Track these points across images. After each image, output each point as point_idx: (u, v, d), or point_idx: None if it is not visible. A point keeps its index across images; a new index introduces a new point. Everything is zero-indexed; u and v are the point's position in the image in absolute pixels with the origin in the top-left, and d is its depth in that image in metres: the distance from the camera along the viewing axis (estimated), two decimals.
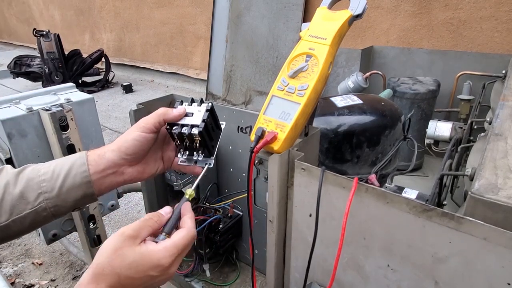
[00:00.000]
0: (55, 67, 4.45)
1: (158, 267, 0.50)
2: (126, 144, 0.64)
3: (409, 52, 2.25)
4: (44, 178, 0.61)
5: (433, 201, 0.83)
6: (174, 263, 0.52)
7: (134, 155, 0.65)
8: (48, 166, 0.63)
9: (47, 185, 0.61)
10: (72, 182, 0.62)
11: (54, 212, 0.62)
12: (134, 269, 0.49)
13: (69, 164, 0.63)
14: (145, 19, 5.03)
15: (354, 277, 0.69)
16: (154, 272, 0.50)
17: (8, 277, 1.59)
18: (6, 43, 8.81)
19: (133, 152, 0.65)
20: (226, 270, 1.41)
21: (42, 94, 1.24)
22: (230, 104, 3.40)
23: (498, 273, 0.50)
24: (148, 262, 0.50)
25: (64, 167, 0.62)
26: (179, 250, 0.52)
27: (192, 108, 0.68)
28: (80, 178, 0.62)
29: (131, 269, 0.49)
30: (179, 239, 0.53)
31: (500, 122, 0.85)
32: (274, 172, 0.69)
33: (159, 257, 0.51)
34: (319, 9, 0.76)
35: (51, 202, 0.61)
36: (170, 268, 0.52)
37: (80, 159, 0.63)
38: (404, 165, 1.69)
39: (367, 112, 1.18)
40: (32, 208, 0.60)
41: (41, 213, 0.61)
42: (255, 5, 3.11)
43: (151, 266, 0.50)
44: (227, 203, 1.27)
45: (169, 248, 0.52)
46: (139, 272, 0.49)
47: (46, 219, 0.62)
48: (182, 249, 0.53)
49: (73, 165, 0.62)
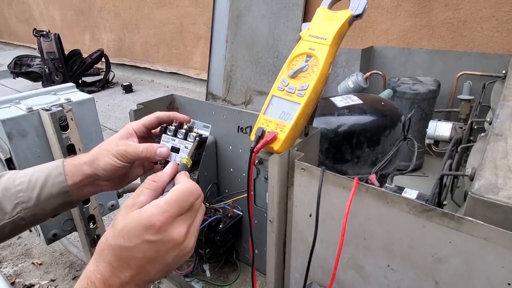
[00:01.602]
0: (55, 67, 4.45)
1: (151, 228, 0.42)
2: (101, 164, 0.60)
3: (409, 52, 2.25)
4: (20, 188, 0.60)
5: (433, 201, 0.83)
6: (170, 223, 0.44)
7: (109, 176, 0.62)
8: (23, 176, 0.61)
9: (24, 195, 0.60)
10: (49, 192, 0.60)
11: (33, 220, 0.62)
12: (126, 235, 0.43)
13: (45, 174, 0.61)
14: (145, 19, 5.03)
15: (354, 277, 0.69)
16: (149, 235, 0.42)
17: (8, 277, 1.59)
18: (6, 43, 8.81)
19: (107, 174, 0.61)
20: (226, 270, 1.41)
21: (42, 94, 1.24)
22: (230, 104, 3.39)
23: (498, 273, 0.50)
24: (137, 224, 0.43)
25: (40, 177, 0.61)
26: (171, 205, 0.44)
27: (177, 142, 0.63)
28: (57, 189, 0.61)
29: (123, 236, 0.43)
30: (170, 194, 0.45)
31: (500, 122, 0.85)
32: (274, 172, 0.69)
33: (147, 215, 0.43)
34: (319, 9, 0.76)
35: (29, 211, 0.60)
36: (167, 231, 0.43)
37: (57, 169, 0.62)
38: (404, 165, 1.69)
39: (367, 112, 1.18)
40: (10, 218, 0.59)
41: (20, 222, 0.60)
42: (255, 5, 3.11)
43: (141, 227, 0.42)
44: (227, 203, 1.27)
45: (159, 204, 0.44)
46: (131, 238, 0.42)
47: (25, 226, 0.62)
48: (175, 205, 0.44)
49: (50, 174, 0.61)
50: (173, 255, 0.45)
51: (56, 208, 0.63)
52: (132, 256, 0.43)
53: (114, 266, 0.43)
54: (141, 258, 0.43)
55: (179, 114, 0.64)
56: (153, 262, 0.44)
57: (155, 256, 0.44)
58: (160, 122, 0.65)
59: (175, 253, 0.45)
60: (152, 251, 0.43)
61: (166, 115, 0.64)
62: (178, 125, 0.63)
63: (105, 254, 0.43)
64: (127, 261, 0.43)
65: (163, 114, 0.64)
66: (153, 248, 0.43)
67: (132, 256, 0.43)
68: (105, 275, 0.43)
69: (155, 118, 0.64)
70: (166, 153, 0.60)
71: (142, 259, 0.43)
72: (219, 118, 1.22)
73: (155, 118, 0.64)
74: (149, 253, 0.43)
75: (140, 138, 0.64)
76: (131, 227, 0.43)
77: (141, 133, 0.64)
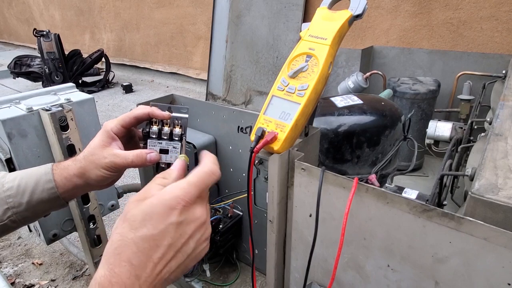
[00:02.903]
0: (55, 67, 4.45)
1: (176, 208, 0.40)
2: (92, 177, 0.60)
3: (409, 52, 2.25)
4: (9, 193, 0.60)
5: (433, 201, 0.83)
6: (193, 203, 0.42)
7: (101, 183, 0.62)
8: (12, 180, 0.61)
9: (14, 201, 0.60)
10: (39, 197, 0.61)
11: (24, 221, 0.62)
12: (149, 222, 0.39)
13: (34, 179, 0.61)
14: (145, 19, 5.03)
15: (354, 277, 0.69)
16: (174, 216, 0.40)
17: (8, 277, 1.59)
18: (6, 43, 8.81)
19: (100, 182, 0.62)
20: (226, 270, 1.41)
21: (42, 94, 1.24)
22: (230, 104, 3.39)
23: (498, 273, 0.50)
24: (161, 207, 0.40)
25: (30, 183, 0.61)
26: (193, 186, 0.42)
27: (164, 144, 0.63)
28: (48, 194, 0.61)
29: (145, 225, 0.39)
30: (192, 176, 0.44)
31: (500, 122, 0.85)
32: (274, 172, 0.69)
33: (171, 196, 0.41)
34: (319, 9, 0.76)
35: (20, 215, 0.61)
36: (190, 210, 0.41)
37: (46, 176, 0.61)
38: (404, 165, 1.69)
39: (367, 112, 1.18)
40: (1, 222, 0.60)
41: (11, 224, 0.61)
42: (255, 5, 3.11)
43: (167, 208, 0.40)
44: (227, 203, 1.27)
45: (182, 186, 0.42)
46: (156, 224, 0.39)
47: (16, 227, 0.62)
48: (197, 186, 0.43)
49: (39, 181, 0.61)
50: (195, 240, 0.43)
51: (47, 210, 0.63)
52: (157, 245, 0.39)
53: (135, 264, 0.38)
54: (166, 246, 0.40)
55: (157, 111, 0.62)
56: (176, 250, 0.41)
57: (179, 241, 0.41)
58: (139, 120, 0.63)
59: (197, 236, 0.43)
60: (177, 235, 0.40)
61: (145, 114, 0.62)
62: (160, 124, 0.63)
63: (123, 252, 0.39)
64: (151, 254, 0.39)
65: (141, 112, 0.62)
66: (178, 232, 0.41)
67: (157, 245, 0.39)
68: (123, 278, 0.37)
69: (133, 118, 0.62)
70: (156, 158, 0.61)
71: (167, 247, 0.40)
72: (219, 118, 1.22)
73: (133, 118, 0.62)
74: (174, 238, 0.40)
75: (121, 138, 0.63)
76: (155, 211, 0.40)
77: (121, 134, 0.63)
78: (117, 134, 0.62)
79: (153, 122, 0.63)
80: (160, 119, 0.63)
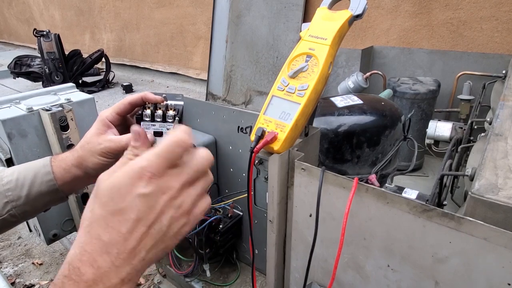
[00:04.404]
0: (55, 67, 4.45)
1: (142, 178, 0.37)
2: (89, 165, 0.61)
3: (409, 52, 2.25)
4: (8, 187, 0.60)
5: (433, 201, 0.83)
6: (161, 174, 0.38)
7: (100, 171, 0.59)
8: (11, 174, 0.61)
9: (13, 194, 0.60)
10: (38, 190, 0.61)
11: (24, 216, 0.62)
12: (116, 194, 0.37)
13: (33, 172, 0.61)
14: (145, 19, 5.03)
15: (354, 277, 0.69)
16: (141, 187, 0.37)
17: (9, 277, 1.59)
18: (6, 43, 8.81)
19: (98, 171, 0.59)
20: (226, 270, 1.41)
21: (42, 94, 1.25)
22: (230, 104, 3.39)
23: (498, 273, 0.50)
24: (127, 178, 0.37)
25: (28, 176, 0.61)
26: (160, 156, 0.38)
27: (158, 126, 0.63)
28: (47, 187, 0.61)
29: (112, 199, 0.37)
30: (158, 146, 0.39)
31: (500, 122, 0.85)
32: (274, 172, 0.69)
33: (137, 166, 0.38)
34: (319, 9, 0.76)
35: (20, 209, 0.61)
36: (159, 181, 0.38)
37: (44, 168, 0.61)
38: (404, 165, 1.69)
39: (367, 112, 1.18)
40: (1, 216, 0.60)
41: (10, 219, 0.61)
42: (255, 5, 3.11)
43: (132, 179, 0.37)
44: (227, 203, 1.27)
45: (147, 157, 0.38)
46: (122, 196, 0.37)
47: (16, 222, 0.62)
48: (164, 156, 0.39)
49: (37, 173, 0.61)
50: (169, 217, 0.39)
51: (47, 203, 0.63)
52: (125, 219, 0.37)
53: (105, 241, 0.36)
54: (134, 220, 0.37)
55: (151, 94, 0.62)
56: (147, 225, 0.38)
57: (149, 216, 0.38)
58: (133, 106, 0.63)
59: (170, 212, 0.39)
60: (145, 208, 0.37)
61: (138, 98, 0.63)
62: (153, 107, 0.63)
63: (93, 228, 0.37)
64: (119, 228, 0.37)
65: (135, 98, 0.63)
66: (146, 204, 0.37)
67: (125, 219, 0.37)
68: (93, 254, 0.36)
69: (127, 104, 0.63)
70: (150, 138, 0.61)
71: (135, 221, 0.37)
72: (219, 118, 1.22)
73: (127, 104, 0.63)
74: (142, 211, 0.37)
75: (117, 126, 0.63)
76: (122, 183, 0.37)
77: (117, 122, 0.63)
78: (113, 122, 0.63)
79: (146, 107, 0.63)
80: (154, 102, 0.63)
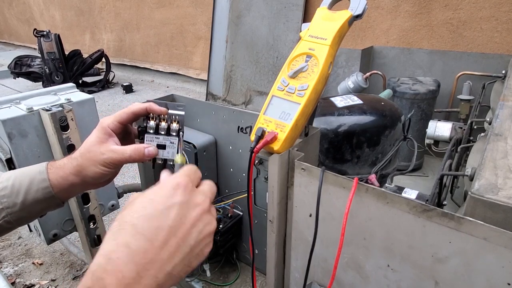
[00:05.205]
0: (56, 67, 4.45)
1: (178, 187, 0.40)
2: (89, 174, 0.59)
3: (409, 52, 2.25)
4: (3, 193, 0.59)
5: (433, 201, 0.83)
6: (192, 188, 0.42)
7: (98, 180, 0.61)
8: (6, 180, 0.60)
9: (8, 201, 0.59)
10: (34, 197, 0.59)
11: (19, 222, 0.61)
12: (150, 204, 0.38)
13: (29, 179, 0.60)
14: (145, 20, 5.03)
15: (354, 277, 0.69)
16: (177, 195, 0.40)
17: (9, 277, 1.59)
18: (7, 43, 8.81)
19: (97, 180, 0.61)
20: (226, 270, 1.41)
21: (42, 94, 1.25)
22: (230, 104, 3.40)
23: (498, 273, 0.50)
24: (163, 188, 0.40)
25: (24, 182, 0.59)
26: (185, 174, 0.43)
27: (162, 139, 0.63)
28: (42, 194, 0.59)
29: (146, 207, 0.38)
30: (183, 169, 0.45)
31: (500, 122, 0.85)
32: (274, 172, 0.69)
33: (172, 179, 0.42)
34: (319, 10, 0.76)
35: (15, 215, 0.60)
36: (191, 193, 0.41)
37: (40, 175, 0.60)
38: (404, 165, 1.69)
39: (367, 112, 1.18)
40: None
41: (6, 225, 0.60)
42: (255, 5, 3.11)
43: (168, 189, 0.40)
44: (227, 203, 1.27)
45: (174, 175, 0.44)
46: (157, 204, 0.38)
47: (11, 228, 0.62)
48: (189, 176, 0.43)
49: (33, 180, 0.59)
50: (198, 230, 0.40)
51: (43, 209, 0.62)
52: (158, 226, 0.37)
53: (134, 249, 0.35)
54: (168, 229, 0.37)
55: (155, 106, 0.62)
56: (179, 238, 0.38)
57: (181, 227, 0.38)
58: (137, 116, 0.63)
59: (199, 226, 0.40)
60: (178, 218, 0.38)
61: (142, 109, 0.61)
62: (157, 119, 0.62)
63: (120, 235, 0.35)
64: (151, 237, 0.36)
65: (139, 108, 0.62)
66: (179, 214, 0.39)
67: (158, 226, 0.37)
68: (119, 264, 0.34)
69: (131, 114, 0.62)
70: (154, 152, 0.61)
71: (168, 231, 0.37)
72: (219, 118, 1.22)
73: (131, 114, 0.62)
74: (176, 221, 0.38)
75: (118, 135, 0.62)
76: (158, 193, 0.39)
77: (118, 130, 0.62)
78: (114, 130, 0.62)
79: (150, 118, 0.62)
80: (158, 114, 0.62)
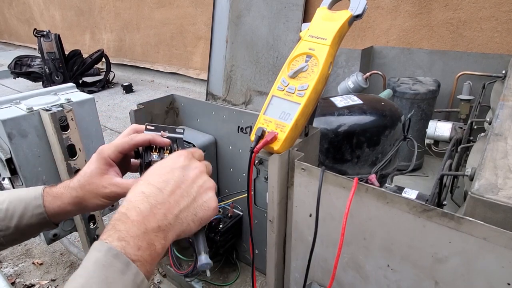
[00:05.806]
0: (56, 67, 4.45)
1: (181, 155, 0.53)
2: (89, 206, 0.60)
3: (409, 52, 2.25)
4: None
5: (433, 201, 0.83)
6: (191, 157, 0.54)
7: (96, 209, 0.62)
8: (0, 203, 0.59)
9: (2, 224, 0.58)
10: (28, 222, 0.59)
11: (12, 243, 0.61)
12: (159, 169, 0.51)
13: (23, 204, 0.59)
14: (145, 20, 5.03)
15: (354, 277, 0.69)
16: (181, 161, 0.52)
17: (9, 277, 1.59)
18: (7, 43, 8.81)
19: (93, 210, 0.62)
20: (226, 270, 1.41)
21: (42, 94, 1.24)
22: (230, 104, 3.40)
23: (498, 273, 0.50)
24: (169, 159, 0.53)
25: (18, 208, 0.59)
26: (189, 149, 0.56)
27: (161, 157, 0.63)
28: (37, 219, 0.59)
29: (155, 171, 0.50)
30: None
31: (500, 122, 0.85)
32: (274, 172, 0.69)
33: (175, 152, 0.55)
34: (319, 10, 0.76)
35: (9, 238, 0.59)
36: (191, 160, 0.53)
37: (36, 201, 0.59)
38: (404, 165, 1.69)
39: (367, 112, 1.18)
40: None
41: None
42: (255, 5, 3.11)
43: (173, 157, 0.53)
44: (227, 203, 1.27)
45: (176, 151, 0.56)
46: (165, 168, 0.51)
47: (3, 248, 0.61)
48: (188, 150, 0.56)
49: (28, 206, 0.59)
50: (198, 185, 0.51)
51: (37, 232, 0.62)
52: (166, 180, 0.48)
53: (147, 193, 0.46)
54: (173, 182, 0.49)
55: (159, 138, 0.62)
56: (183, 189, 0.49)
57: (184, 183, 0.50)
58: (139, 147, 0.62)
59: (199, 182, 0.51)
60: (181, 176, 0.50)
61: (145, 141, 0.61)
62: (159, 150, 0.61)
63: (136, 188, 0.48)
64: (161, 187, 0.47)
65: (141, 140, 0.61)
66: (182, 174, 0.50)
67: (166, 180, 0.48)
68: (136, 203, 0.45)
69: (133, 146, 0.61)
70: None
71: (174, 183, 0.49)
72: (219, 118, 1.22)
73: (133, 146, 0.61)
74: (179, 177, 0.50)
75: (117, 163, 0.62)
76: (164, 163, 0.52)
77: (118, 160, 0.61)
78: (114, 160, 0.60)
79: (152, 149, 0.61)
80: (162, 146, 0.62)
